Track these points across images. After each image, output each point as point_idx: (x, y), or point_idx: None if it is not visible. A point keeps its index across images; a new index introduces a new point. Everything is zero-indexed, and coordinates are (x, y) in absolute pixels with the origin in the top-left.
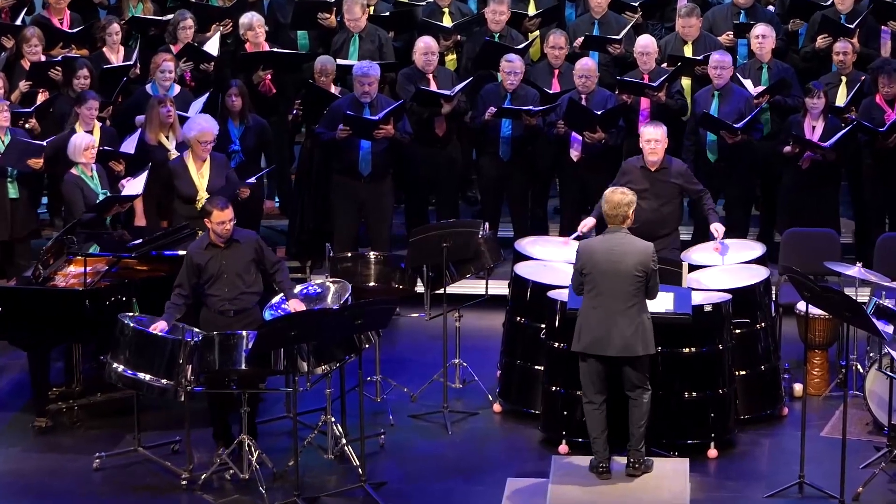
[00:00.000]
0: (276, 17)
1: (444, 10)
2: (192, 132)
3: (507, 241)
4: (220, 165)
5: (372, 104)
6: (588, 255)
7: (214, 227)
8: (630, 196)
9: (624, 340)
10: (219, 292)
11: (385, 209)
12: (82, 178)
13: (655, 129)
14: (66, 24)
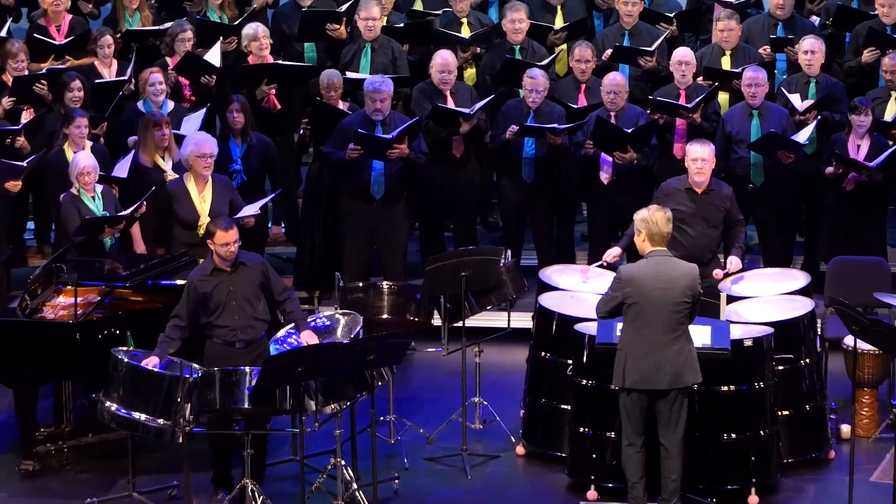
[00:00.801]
0: (282, 27)
1: (463, 20)
2: (188, 148)
3: (531, 269)
4: (224, 187)
5: (385, 122)
6: (633, 282)
7: (218, 249)
8: (670, 213)
9: (674, 371)
10: (228, 322)
11: (399, 235)
12: (81, 198)
13: (703, 148)
14: (64, 30)
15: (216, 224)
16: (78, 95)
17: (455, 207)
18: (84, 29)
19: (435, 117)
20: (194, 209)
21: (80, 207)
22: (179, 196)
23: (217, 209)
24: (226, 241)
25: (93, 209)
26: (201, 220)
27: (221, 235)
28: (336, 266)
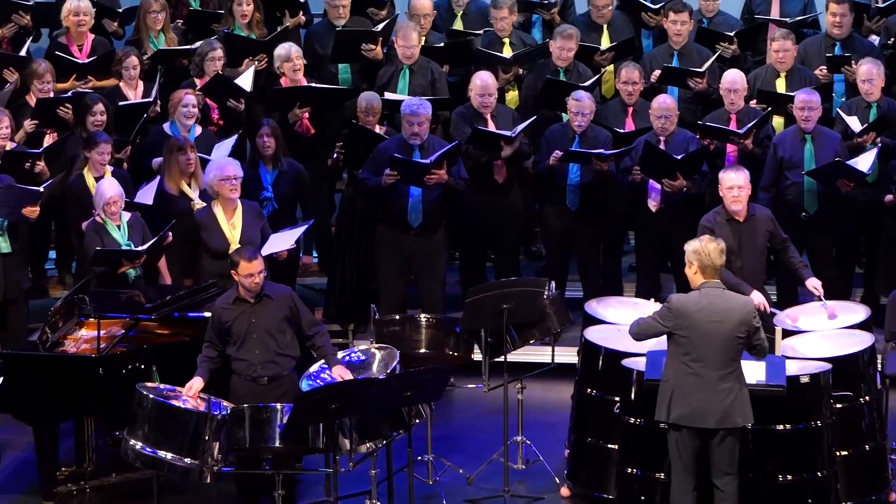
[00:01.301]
0: (315, 48)
1: (505, 40)
2: (210, 174)
3: (576, 302)
4: (254, 214)
5: (423, 146)
6: (684, 314)
7: (242, 280)
8: (723, 244)
9: (723, 410)
10: (248, 356)
11: (437, 265)
12: (105, 227)
13: (738, 174)
14: (86, 50)
15: (240, 254)
16: (101, 119)
17: (496, 236)
18: (107, 49)
19: (475, 141)
20: (224, 238)
21: (104, 237)
22: (208, 224)
23: (248, 236)
24: (250, 272)
25: (117, 238)
26: (231, 249)
27: (245, 266)
28: (371, 298)
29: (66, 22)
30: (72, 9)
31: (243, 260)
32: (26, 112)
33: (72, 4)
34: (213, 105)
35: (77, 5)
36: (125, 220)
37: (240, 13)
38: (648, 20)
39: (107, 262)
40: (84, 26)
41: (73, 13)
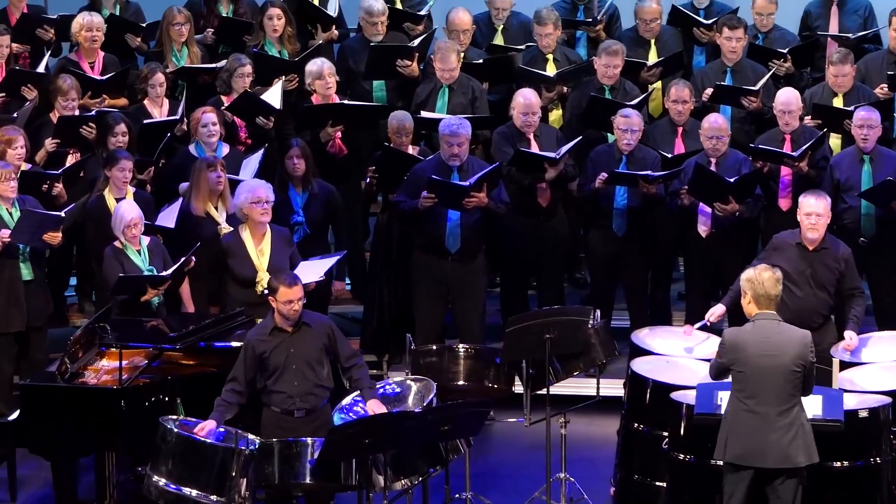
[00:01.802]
0: (349, 64)
1: (548, 56)
2: (241, 196)
3: (623, 331)
4: (284, 240)
5: (462, 168)
6: (738, 348)
7: (281, 307)
8: (779, 273)
9: (782, 449)
10: (286, 388)
11: (476, 293)
12: (126, 252)
13: (818, 201)
14: (98, 68)
15: (279, 279)
16: (122, 140)
17: (539, 262)
18: (118, 67)
19: (517, 163)
20: (251, 264)
21: (125, 262)
22: (235, 250)
23: (276, 264)
24: (289, 299)
25: (137, 264)
26: (259, 277)
27: (285, 292)
28: (407, 327)
29: (78, 37)
30: (84, 24)
31: (283, 286)
32: (48, 131)
33: (84, 19)
34: (241, 123)
35: (90, 20)
36: (145, 244)
37: (271, 28)
38: (701, 36)
39: (130, 290)
40: (97, 42)
41: (85, 28)
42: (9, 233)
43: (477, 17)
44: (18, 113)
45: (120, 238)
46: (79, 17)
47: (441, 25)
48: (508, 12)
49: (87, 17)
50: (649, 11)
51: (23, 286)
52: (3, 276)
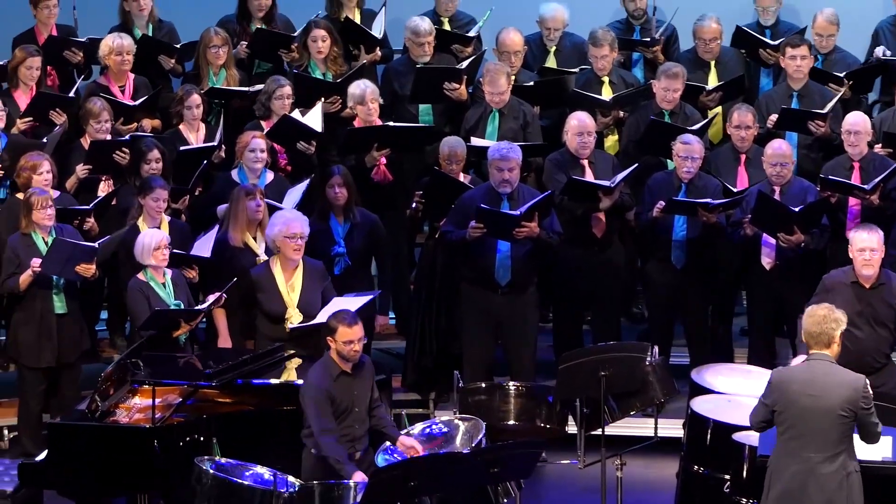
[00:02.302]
0: (393, 87)
1: (604, 79)
2: (276, 228)
3: (682, 369)
4: (316, 275)
5: (512, 196)
6: (781, 387)
7: (341, 348)
8: (837, 314)
9: (825, 497)
10: (348, 430)
11: (528, 328)
12: (150, 284)
13: (871, 235)
14: (128, 91)
15: (339, 318)
16: (156, 167)
17: (594, 296)
18: (150, 90)
19: (570, 191)
20: (280, 300)
21: (150, 296)
22: (264, 284)
23: (307, 300)
24: (349, 339)
25: (163, 297)
26: (289, 313)
27: (345, 332)
28: (454, 364)
29: (107, 61)
30: (114, 47)
31: (343, 325)
32: (79, 156)
33: (114, 42)
34: (281, 149)
35: (119, 43)
36: (168, 277)
37: (315, 49)
38: (767, 57)
39: (163, 324)
40: (127, 65)
41: (115, 52)
42: (39, 262)
43: (528, 38)
44: (47, 138)
45: (149, 263)
46: (107, 40)
47: (491, 47)
48: (561, 33)
49: (116, 40)
50: (709, 31)
51: (55, 319)
52: (35, 308)
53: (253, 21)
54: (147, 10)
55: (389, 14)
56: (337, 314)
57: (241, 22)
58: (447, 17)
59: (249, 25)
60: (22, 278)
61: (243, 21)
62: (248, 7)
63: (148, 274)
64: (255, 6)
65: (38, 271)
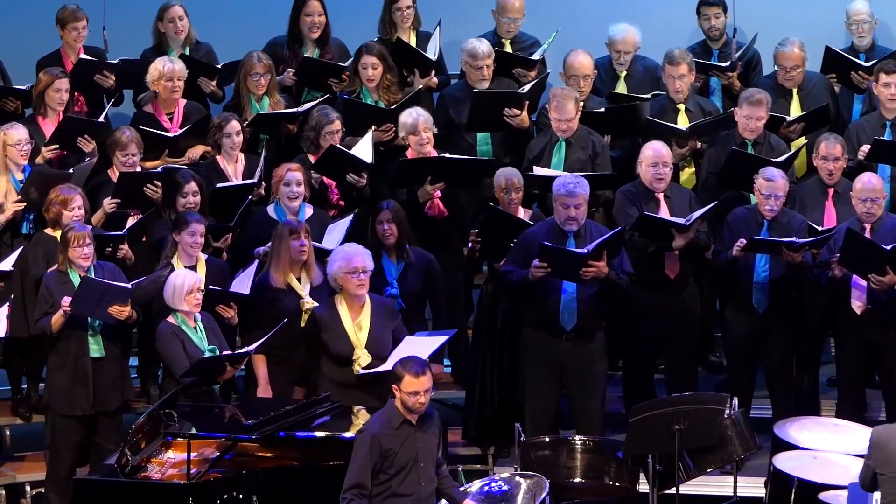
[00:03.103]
0: (449, 114)
1: (679, 107)
2: (336, 264)
3: (764, 422)
4: (385, 313)
5: (579, 233)
6: (881, 448)
7: (406, 398)
8: None
9: None
10: (412, 489)
11: (595, 377)
12: (182, 328)
13: None
14: (177, 119)
15: (406, 366)
16: (193, 201)
17: (668, 342)
18: (202, 115)
19: (642, 228)
20: (347, 340)
21: (185, 340)
22: (328, 324)
23: (377, 339)
24: (416, 390)
25: (196, 342)
26: (356, 354)
27: (411, 382)
28: (515, 415)
29: (156, 87)
30: (164, 71)
31: (409, 374)
32: (107, 189)
33: (165, 67)
34: (331, 183)
35: (171, 67)
36: (200, 321)
37: (366, 77)
38: (860, 81)
39: (207, 371)
40: (178, 92)
41: (165, 77)
42: (69, 300)
43: (597, 62)
44: (75, 169)
45: (180, 308)
46: (157, 64)
47: (557, 71)
48: (632, 56)
49: (167, 65)
50: (790, 57)
51: (90, 363)
52: (70, 350)
53: (305, 45)
54: (184, 33)
55: (445, 36)
56: (405, 361)
57: (293, 46)
58: (509, 38)
59: (301, 50)
60: (55, 318)
61: (294, 45)
62: (301, 29)
63: (179, 317)
64: (309, 25)
65: (67, 311)
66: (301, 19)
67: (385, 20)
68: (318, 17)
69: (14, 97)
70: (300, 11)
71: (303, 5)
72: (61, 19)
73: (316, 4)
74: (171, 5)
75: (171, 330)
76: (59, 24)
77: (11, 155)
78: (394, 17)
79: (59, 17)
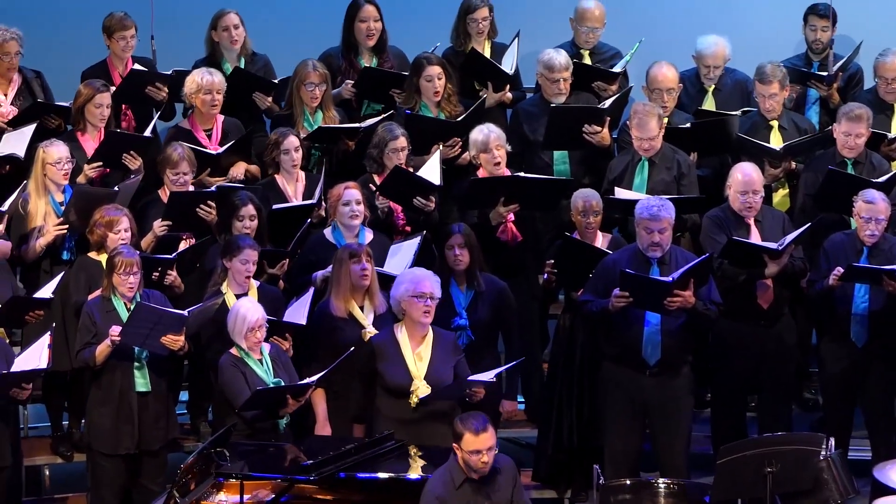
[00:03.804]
0: (523, 131)
1: (772, 123)
2: (402, 287)
3: (863, 465)
4: (448, 347)
5: (663, 260)
6: None
7: (467, 457)
8: None
9: None
10: None
11: (681, 415)
12: (245, 360)
13: None
14: (216, 136)
15: (465, 423)
16: (251, 225)
17: (759, 378)
18: (241, 132)
19: (732, 254)
20: (406, 371)
21: (247, 373)
22: (386, 352)
23: (438, 371)
24: (477, 449)
25: (261, 376)
26: (414, 385)
27: (471, 441)
28: (594, 457)
29: (193, 100)
30: (203, 84)
31: (469, 432)
32: (157, 211)
33: (203, 79)
34: (396, 207)
35: (209, 80)
36: (266, 352)
37: (431, 90)
38: None
39: (267, 405)
40: (216, 107)
41: (203, 90)
42: (119, 330)
43: (683, 75)
44: (120, 187)
45: (241, 343)
46: (194, 76)
47: (640, 84)
48: (722, 69)
49: (205, 77)
50: (892, 67)
51: (136, 399)
52: (114, 384)
53: (361, 54)
54: (240, 42)
55: (521, 47)
56: (464, 418)
57: (348, 56)
58: (588, 49)
59: (357, 59)
60: (99, 349)
61: (350, 55)
62: (356, 37)
63: (241, 349)
64: (364, 32)
65: (117, 341)
66: (355, 26)
67: (458, 30)
68: (373, 22)
69: (56, 114)
70: (354, 18)
71: (357, 11)
72: (108, 27)
73: (371, 9)
74: (226, 13)
75: (233, 362)
76: (105, 32)
77: (51, 174)
78: (469, 27)
79: (105, 26)
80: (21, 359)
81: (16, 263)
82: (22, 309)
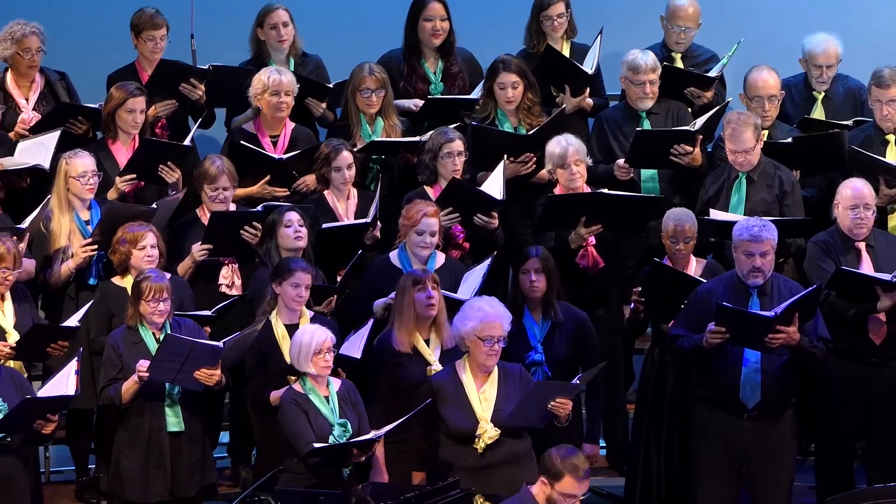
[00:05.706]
0: (607, 141)
1: (889, 137)
2: (470, 323)
3: None
4: (517, 383)
5: (764, 290)
6: None
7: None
8: None
9: None
10: None
11: (782, 464)
12: (309, 397)
13: None
14: (282, 145)
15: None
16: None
17: (871, 423)
18: (312, 142)
19: (840, 285)
20: (470, 413)
21: (310, 412)
22: (448, 393)
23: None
24: (573, 493)
25: (326, 415)
26: (481, 428)
27: (572, 485)
28: None
29: (259, 102)
30: (270, 84)
31: (573, 477)
32: (195, 232)
33: (271, 78)
34: None
35: (278, 79)
36: (334, 388)
37: (505, 98)
38: None
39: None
40: (285, 110)
41: (271, 90)
42: (147, 364)
43: (787, 81)
44: (159, 203)
45: (308, 369)
46: (262, 75)
47: (737, 91)
48: (835, 70)
49: (273, 76)
50: None
51: (168, 440)
52: (143, 424)
53: (425, 56)
54: (288, 41)
55: (603, 49)
56: (566, 456)
57: (410, 59)
58: (680, 51)
59: (420, 63)
60: (125, 386)
61: (412, 57)
62: (420, 37)
63: (307, 384)
64: (430, 32)
65: (145, 377)
66: (420, 25)
67: (532, 30)
68: (440, 21)
69: (84, 117)
70: (419, 16)
71: (422, 9)
72: (136, 25)
73: (437, 7)
74: (274, 8)
75: (294, 398)
76: (133, 31)
77: (75, 189)
78: (543, 26)
79: (133, 24)
80: (47, 387)
81: (39, 289)
82: (45, 339)
